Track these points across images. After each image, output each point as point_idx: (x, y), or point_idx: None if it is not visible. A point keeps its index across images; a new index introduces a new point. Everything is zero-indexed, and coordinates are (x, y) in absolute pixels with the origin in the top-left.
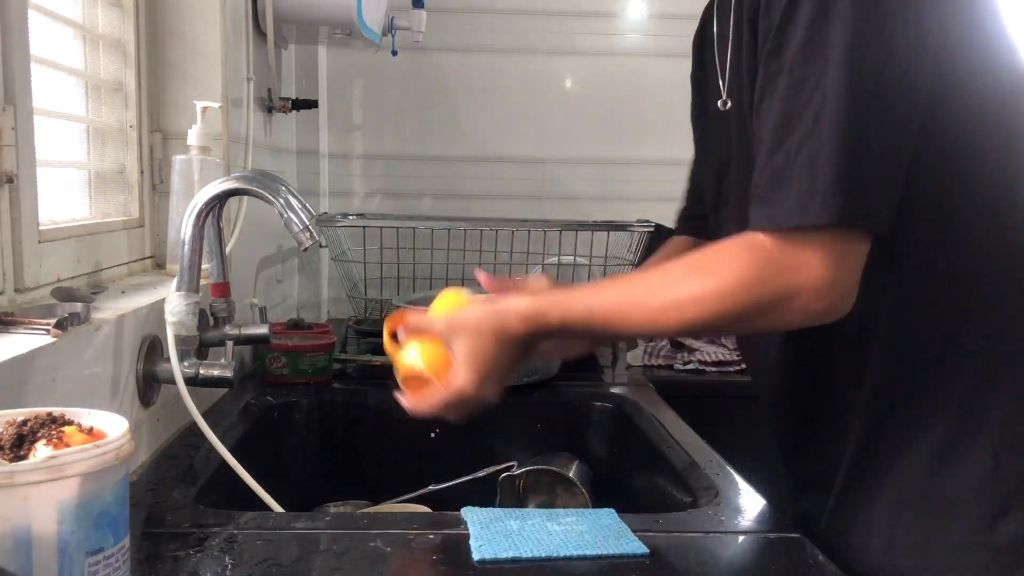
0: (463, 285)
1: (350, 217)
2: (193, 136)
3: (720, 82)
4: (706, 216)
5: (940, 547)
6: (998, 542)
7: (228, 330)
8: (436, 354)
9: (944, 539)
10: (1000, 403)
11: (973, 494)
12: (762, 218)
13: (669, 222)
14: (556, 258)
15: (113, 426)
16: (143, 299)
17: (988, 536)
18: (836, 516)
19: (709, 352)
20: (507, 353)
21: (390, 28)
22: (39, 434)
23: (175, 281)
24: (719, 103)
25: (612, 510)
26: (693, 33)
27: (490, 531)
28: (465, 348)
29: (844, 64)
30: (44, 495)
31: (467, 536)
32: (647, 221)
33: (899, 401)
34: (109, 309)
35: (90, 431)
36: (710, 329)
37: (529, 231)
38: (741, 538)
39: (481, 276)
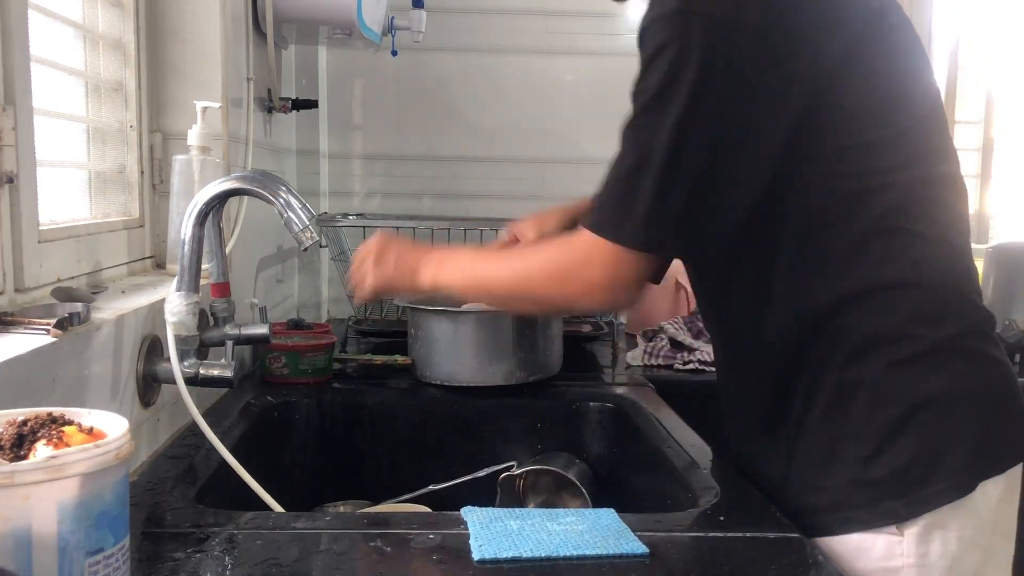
0: None
1: (350, 217)
2: (193, 136)
3: None
4: None
5: (831, 484)
6: (872, 478)
7: (228, 330)
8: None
9: (833, 478)
10: (873, 368)
11: (854, 440)
12: (588, 219)
13: None
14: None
15: (113, 426)
16: (143, 299)
17: (864, 473)
18: (778, 472)
19: (709, 352)
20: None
21: (390, 28)
22: (39, 434)
23: (175, 281)
24: None
25: (612, 510)
26: None
27: (490, 531)
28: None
29: (675, 127)
30: (44, 495)
31: (467, 536)
32: None
33: (796, 369)
34: (109, 309)
35: (90, 431)
36: (521, 293)
37: None
38: (741, 538)
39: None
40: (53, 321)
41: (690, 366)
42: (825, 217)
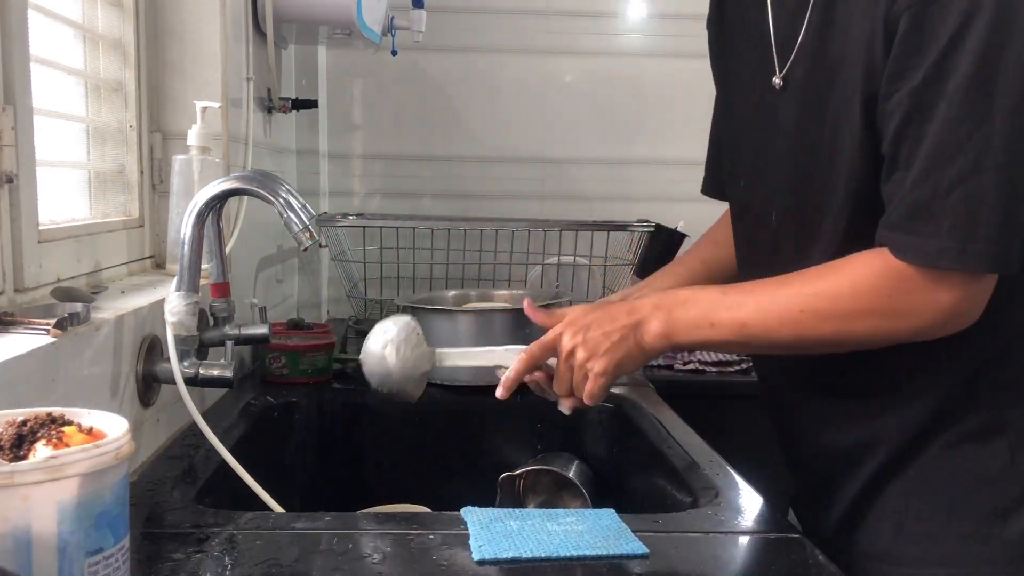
0: (462, 285)
1: (350, 217)
2: (193, 136)
3: (775, 58)
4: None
5: (949, 536)
6: (1007, 535)
7: (228, 330)
8: None
9: (954, 529)
10: (1021, 407)
11: (987, 488)
12: (907, 248)
13: (669, 221)
14: (556, 258)
15: (113, 426)
16: (143, 299)
17: (999, 528)
18: (849, 507)
19: (709, 352)
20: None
21: (390, 28)
22: (39, 434)
23: (175, 281)
24: (774, 80)
25: (612, 510)
26: (693, 33)
27: (490, 531)
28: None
29: (1014, 110)
30: (44, 495)
31: (467, 536)
32: (647, 221)
33: (918, 400)
34: (109, 309)
35: (90, 431)
36: (836, 338)
37: (529, 231)
38: (741, 538)
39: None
40: (53, 321)
41: (690, 366)
42: None
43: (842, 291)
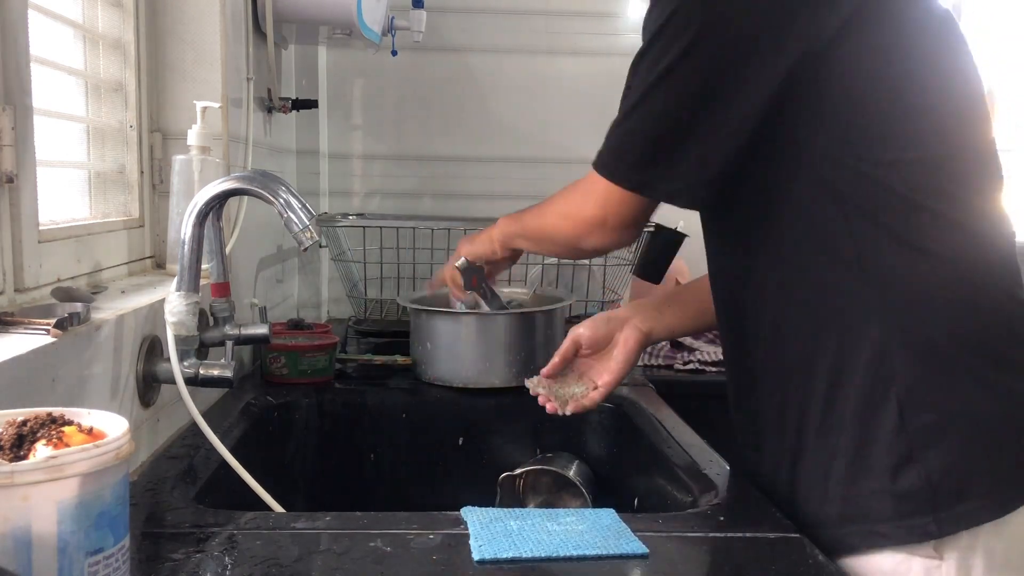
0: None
1: (350, 217)
2: (193, 136)
3: None
4: None
5: (856, 494)
6: (900, 489)
7: (228, 330)
8: None
9: (861, 487)
10: (906, 366)
11: (882, 446)
12: (595, 158)
13: (668, 221)
14: (556, 258)
15: (113, 426)
16: (143, 299)
17: (892, 484)
18: (782, 473)
19: (709, 352)
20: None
21: (390, 28)
22: (39, 434)
23: (175, 281)
24: None
25: (612, 510)
26: None
27: (490, 531)
28: None
29: (666, 74)
30: (44, 495)
31: (467, 536)
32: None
33: (823, 365)
34: (109, 309)
35: (90, 431)
36: (546, 234)
37: None
38: (741, 538)
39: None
40: (53, 321)
41: (690, 366)
42: (833, 194)
43: (555, 200)
